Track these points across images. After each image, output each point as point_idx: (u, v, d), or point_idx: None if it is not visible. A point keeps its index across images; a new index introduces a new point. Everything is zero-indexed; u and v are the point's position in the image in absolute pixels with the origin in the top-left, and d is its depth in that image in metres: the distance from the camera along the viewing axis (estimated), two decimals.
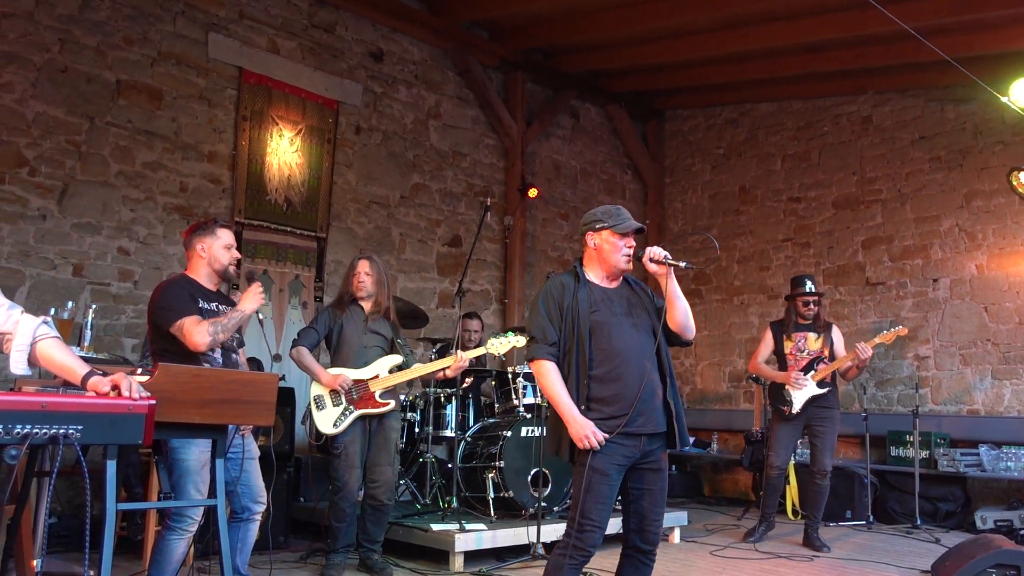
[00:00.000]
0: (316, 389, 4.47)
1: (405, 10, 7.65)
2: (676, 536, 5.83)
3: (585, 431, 2.86)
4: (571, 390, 2.96)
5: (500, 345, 4.70)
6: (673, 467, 8.61)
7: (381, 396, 4.43)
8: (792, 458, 7.01)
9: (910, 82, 7.81)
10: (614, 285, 3.15)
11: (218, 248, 3.58)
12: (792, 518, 6.94)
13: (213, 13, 6.59)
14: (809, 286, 5.80)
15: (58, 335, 2.39)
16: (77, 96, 5.89)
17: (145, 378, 2.48)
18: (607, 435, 2.88)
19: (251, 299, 3.47)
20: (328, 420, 4.38)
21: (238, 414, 2.69)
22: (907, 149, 7.90)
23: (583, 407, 2.93)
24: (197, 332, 3.29)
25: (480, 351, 4.87)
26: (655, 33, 7.71)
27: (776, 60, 7.90)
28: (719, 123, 9.52)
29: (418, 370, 4.57)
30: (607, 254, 3.09)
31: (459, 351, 4.71)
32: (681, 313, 3.07)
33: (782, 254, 8.75)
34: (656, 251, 3.04)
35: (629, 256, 3.08)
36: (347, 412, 4.38)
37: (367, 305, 4.61)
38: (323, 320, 4.61)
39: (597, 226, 3.11)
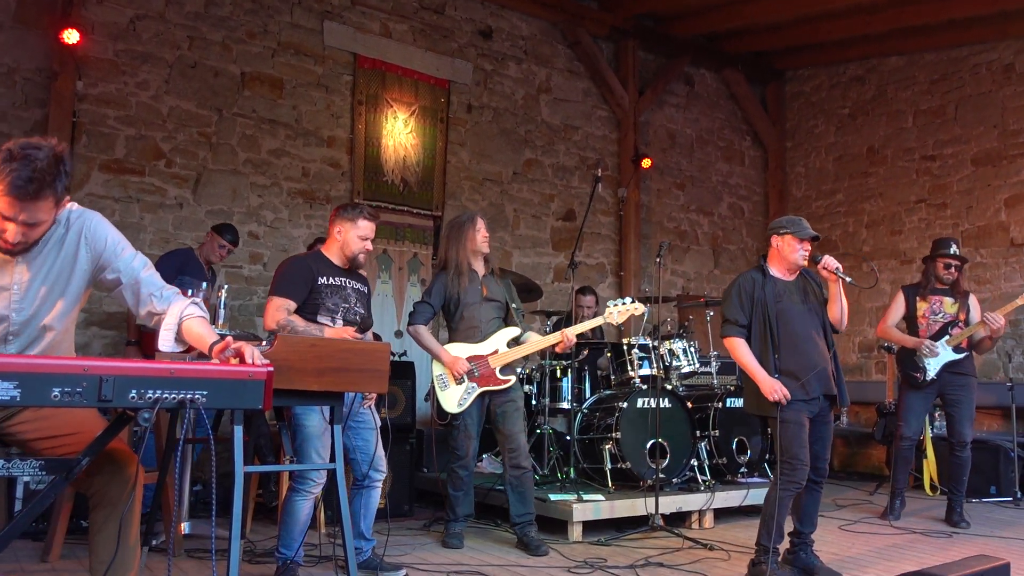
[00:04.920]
0: (438, 368, 4.46)
1: None
2: None
3: (775, 386, 3.66)
4: (765, 363, 3.74)
5: (618, 314, 4.54)
6: None
7: (501, 372, 4.44)
8: (930, 430, 6.65)
9: None
10: (792, 278, 3.91)
11: (352, 236, 3.75)
12: (931, 494, 6.58)
13: (327, 1, 6.80)
14: (954, 249, 5.47)
15: (205, 315, 2.50)
16: (206, 90, 6.23)
17: (267, 348, 2.62)
18: (790, 394, 3.65)
19: (335, 335, 3.60)
20: (453, 399, 4.41)
21: (352, 382, 2.80)
22: None
23: (776, 376, 3.70)
24: (271, 315, 3.59)
25: (595, 322, 4.74)
26: None
27: (904, 9, 7.42)
28: (844, 81, 9.04)
29: (533, 345, 4.52)
30: (787, 254, 3.86)
31: (565, 328, 4.63)
32: (839, 311, 3.88)
33: (915, 216, 8.25)
34: (831, 262, 3.81)
35: (805, 256, 3.85)
36: (470, 390, 4.41)
37: (481, 267, 4.54)
38: (438, 292, 4.48)
39: (781, 231, 3.89)
